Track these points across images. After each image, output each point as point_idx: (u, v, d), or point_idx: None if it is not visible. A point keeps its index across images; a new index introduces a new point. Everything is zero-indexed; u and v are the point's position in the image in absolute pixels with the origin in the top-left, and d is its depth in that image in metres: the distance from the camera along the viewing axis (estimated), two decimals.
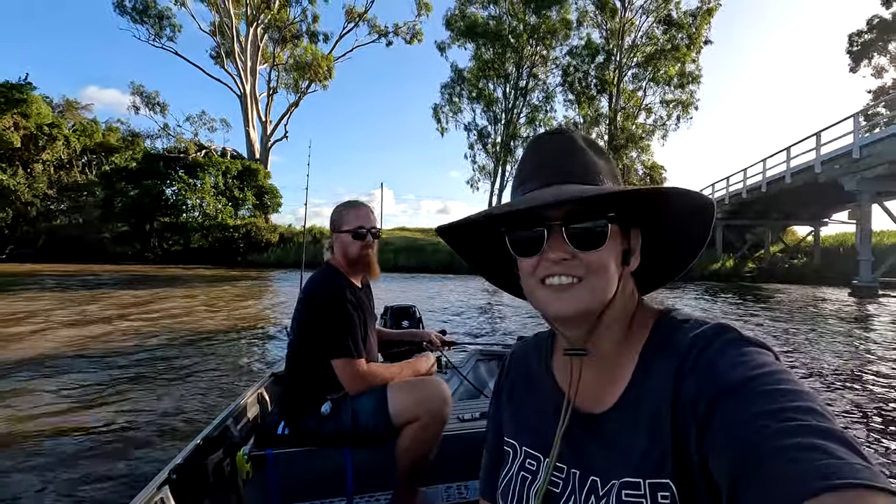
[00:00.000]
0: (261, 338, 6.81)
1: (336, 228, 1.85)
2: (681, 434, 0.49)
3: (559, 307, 0.56)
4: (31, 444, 3.09)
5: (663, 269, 0.68)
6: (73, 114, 37.52)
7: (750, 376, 0.45)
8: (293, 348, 1.78)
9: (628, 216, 0.60)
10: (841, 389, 4.46)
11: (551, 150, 0.60)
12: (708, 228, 0.60)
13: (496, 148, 34.23)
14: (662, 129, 33.29)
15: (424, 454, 1.64)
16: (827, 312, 10.53)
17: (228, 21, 32.04)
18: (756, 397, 0.42)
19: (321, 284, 1.76)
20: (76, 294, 11.67)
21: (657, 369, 0.55)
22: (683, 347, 0.53)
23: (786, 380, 0.44)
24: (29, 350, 5.65)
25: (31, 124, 28.54)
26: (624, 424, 0.55)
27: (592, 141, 0.63)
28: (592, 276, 0.55)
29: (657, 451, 0.51)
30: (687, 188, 0.55)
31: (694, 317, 0.58)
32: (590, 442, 0.58)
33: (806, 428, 0.38)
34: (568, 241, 0.56)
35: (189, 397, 4.03)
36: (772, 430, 0.39)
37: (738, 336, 0.51)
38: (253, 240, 27.76)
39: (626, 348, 0.59)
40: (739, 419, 0.42)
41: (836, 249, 23.34)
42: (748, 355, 0.48)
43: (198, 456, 1.47)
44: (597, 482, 0.55)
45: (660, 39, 31.53)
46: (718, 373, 0.47)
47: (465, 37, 32.97)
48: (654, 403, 0.53)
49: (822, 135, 16.92)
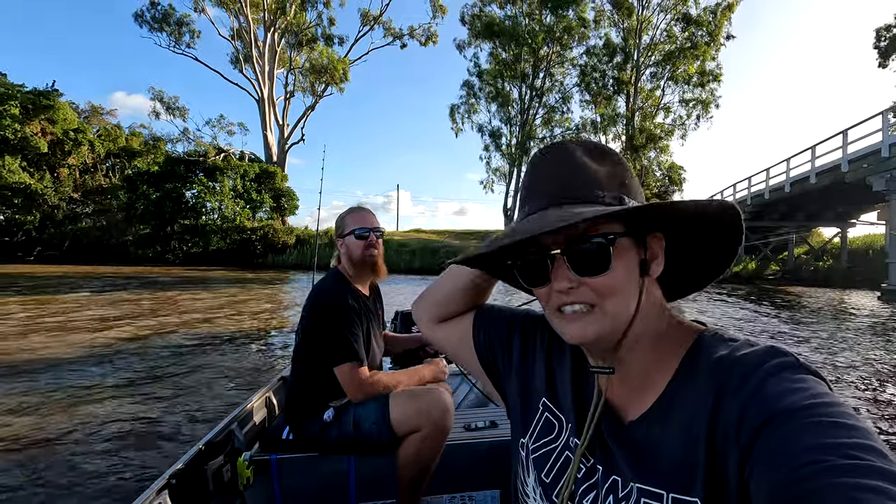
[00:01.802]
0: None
1: (339, 234, 1.88)
2: (717, 455, 0.47)
3: (576, 333, 0.55)
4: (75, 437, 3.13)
5: (692, 276, 0.66)
6: (98, 119, 38.65)
7: (805, 405, 0.42)
8: (298, 353, 1.79)
9: (644, 225, 0.57)
10: (874, 403, 4.26)
11: (548, 169, 0.58)
12: (739, 234, 0.56)
13: (511, 149, 34.05)
14: (682, 128, 32.66)
15: (426, 464, 1.63)
16: (855, 318, 10.16)
17: (247, 26, 32.62)
18: (811, 428, 0.40)
19: (325, 291, 1.77)
20: (123, 294, 11.97)
21: (693, 385, 0.53)
22: (727, 367, 0.50)
23: (844, 413, 0.41)
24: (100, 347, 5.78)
25: (57, 130, 29.47)
26: (651, 437, 0.55)
27: (595, 147, 0.59)
28: (605, 301, 0.54)
29: (686, 468, 0.49)
30: (696, 200, 0.52)
31: (742, 338, 0.55)
32: (617, 448, 0.58)
33: (867, 468, 0.36)
34: (571, 268, 0.54)
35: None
36: (830, 464, 0.37)
37: (793, 361, 0.48)
38: (270, 242, 28.14)
39: (660, 359, 0.57)
40: (792, 448, 0.40)
41: (864, 252, 22.58)
42: (802, 382, 0.45)
43: (199, 461, 1.46)
44: (618, 483, 0.56)
45: (679, 37, 30.96)
46: (768, 397, 0.45)
47: (482, 37, 32.89)
48: (688, 420, 0.51)
49: (849, 133, 16.41)
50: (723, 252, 0.61)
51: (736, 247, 0.59)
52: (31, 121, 28.12)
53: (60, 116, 29.54)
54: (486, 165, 35.66)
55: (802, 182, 19.11)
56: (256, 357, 5.74)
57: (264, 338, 6.97)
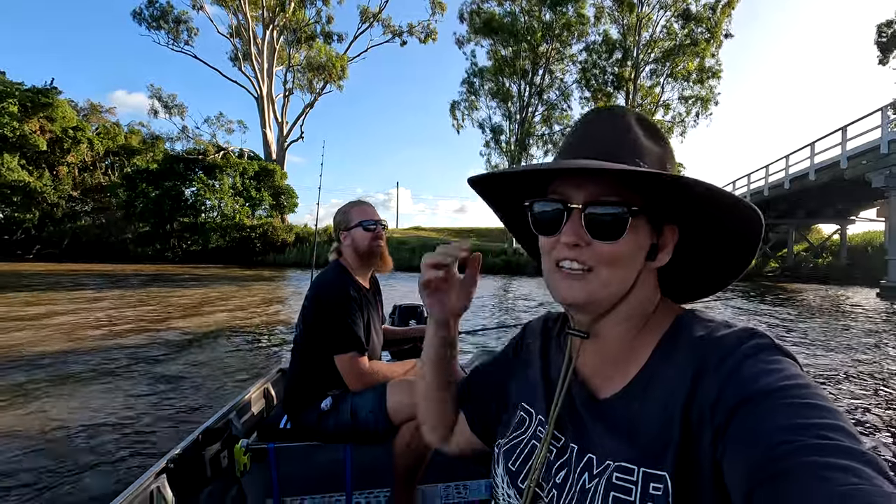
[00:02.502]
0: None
1: (344, 227, 1.89)
2: (691, 433, 0.48)
3: (567, 293, 0.56)
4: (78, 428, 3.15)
5: (702, 281, 0.65)
6: (97, 117, 38.61)
7: (779, 386, 0.43)
8: (298, 343, 1.82)
9: (664, 211, 0.56)
10: (865, 398, 4.28)
11: (601, 126, 0.58)
12: (755, 243, 0.56)
13: (510, 147, 34.02)
14: (681, 125, 32.63)
15: (422, 453, 1.65)
16: (853, 314, 10.18)
17: (245, 24, 32.52)
18: (785, 408, 0.41)
19: (328, 282, 1.80)
20: (132, 291, 11.98)
21: (672, 363, 0.53)
22: (706, 347, 0.51)
23: (816, 395, 0.42)
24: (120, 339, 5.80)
25: (56, 128, 29.42)
26: (629, 412, 0.54)
27: (650, 124, 0.59)
28: (604, 267, 0.54)
29: (659, 442, 0.50)
30: (735, 195, 0.52)
31: (720, 319, 0.55)
32: (592, 423, 0.57)
33: (836, 448, 0.37)
34: (585, 226, 0.54)
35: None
36: (802, 444, 0.38)
37: (769, 343, 0.49)
38: (269, 240, 28.12)
39: (641, 339, 0.58)
40: (766, 428, 0.41)
41: (863, 249, 22.60)
42: (777, 363, 0.46)
43: (196, 447, 1.48)
44: (592, 460, 0.55)
45: (678, 34, 30.91)
46: (744, 378, 0.45)
47: (481, 33, 32.81)
48: (664, 397, 0.51)
49: (848, 129, 16.40)
50: (732, 262, 0.60)
51: (749, 259, 0.58)
52: (30, 119, 28.06)
53: (59, 114, 29.48)
54: (486, 163, 35.65)
55: (802, 179, 19.11)
56: (256, 352, 5.76)
57: (265, 333, 6.98)
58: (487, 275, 19.16)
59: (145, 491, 1.23)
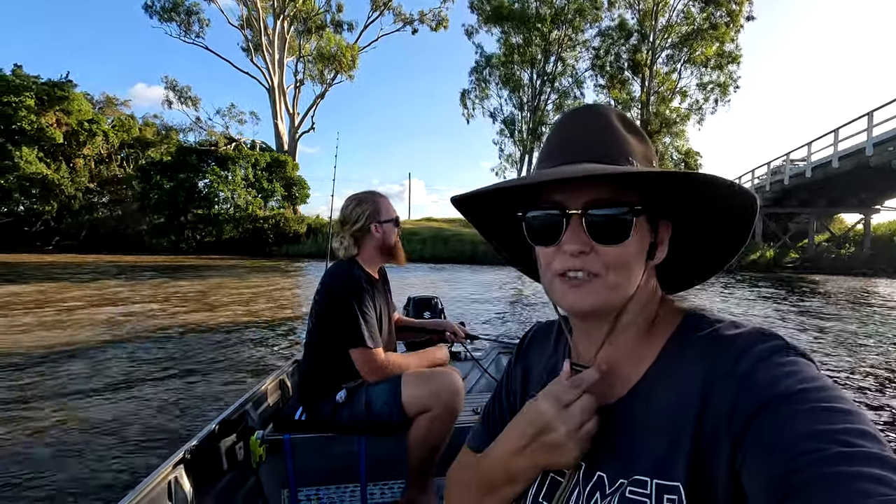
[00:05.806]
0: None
1: (376, 219, 1.83)
2: (706, 442, 0.46)
3: (575, 301, 0.54)
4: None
5: (694, 268, 0.64)
6: (113, 109, 39.02)
7: (797, 389, 0.41)
8: (311, 337, 1.81)
9: (658, 208, 0.55)
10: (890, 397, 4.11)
11: (582, 126, 0.56)
12: (747, 229, 0.56)
13: (522, 135, 33.68)
14: (699, 112, 31.93)
15: (436, 445, 1.65)
16: (878, 307, 9.89)
17: (256, 14, 32.51)
18: (805, 414, 0.39)
19: (340, 275, 1.78)
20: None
21: (681, 367, 0.52)
22: (716, 350, 0.49)
23: (837, 397, 0.41)
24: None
25: (72, 120, 29.82)
26: (634, 420, 0.53)
27: (629, 120, 0.58)
28: (612, 273, 0.52)
29: (670, 452, 0.48)
30: (730, 180, 0.51)
31: (728, 319, 0.53)
32: (597, 435, 0.54)
33: (865, 455, 0.35)
34: (587, 231, 0.52)
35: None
36: (826, 453, 0.36)
37: (783, 344, 0.47)
38: (281, 231, 28.34)
39: (645, 344, 0.56)
40: (786, 437, 0.39)
41: (888, 239, 21.97)
42: (793, 365, 0.44)
43: (213, 438, 1.51)
44: (603, 479, 0.53)
45: (697, 18, 30.07)
46: (760, 383, 0.44)
47: (491, 21, 32.36)
48: (674, 402, 0.50)
49: (875, 115, 15.86)
50: (725, 248, 0.59)
51: (741, 242, 0.57)
52: (47, 112, 28.47)
53: (75, 107, 29.87)
54: (498, 152, 35.40)
55: (824, 167, 18.60)
56: (274, 342, 5.77)
57: (282, 324, 7.01)
58: (504, 267, 19.06)
59: (163, 481, 1.25)
